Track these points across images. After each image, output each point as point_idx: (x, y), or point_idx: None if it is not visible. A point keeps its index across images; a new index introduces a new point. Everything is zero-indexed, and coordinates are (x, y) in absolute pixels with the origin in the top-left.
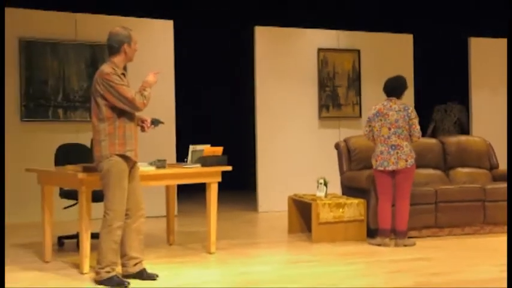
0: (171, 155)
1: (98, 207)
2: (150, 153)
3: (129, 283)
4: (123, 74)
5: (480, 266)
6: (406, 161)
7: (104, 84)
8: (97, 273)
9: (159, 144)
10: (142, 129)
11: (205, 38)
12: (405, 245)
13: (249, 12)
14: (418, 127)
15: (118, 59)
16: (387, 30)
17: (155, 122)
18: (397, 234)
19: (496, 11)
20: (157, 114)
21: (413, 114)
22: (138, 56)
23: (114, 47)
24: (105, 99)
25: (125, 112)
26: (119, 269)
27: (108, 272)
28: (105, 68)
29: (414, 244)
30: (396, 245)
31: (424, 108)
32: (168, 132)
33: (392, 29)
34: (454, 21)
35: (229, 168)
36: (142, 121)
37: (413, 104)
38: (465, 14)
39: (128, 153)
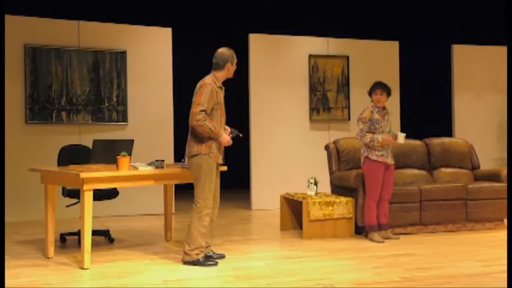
0: (169, 155)
1: (99, 206)
2: (149, 154)
3: (217, 262)
4: (221, 87)
5: (463, 262)
6: (361, 160)
7: (199, 89)
8: (187, 254)
9: (158, 145)
10: None
11: (202, 44)
12: (370, 239)
13: (243, 20)
14: (357, 129)
15: (220, 74)
16: (374, 38)
17: (233, 133)
18: None
19: (477, 20)
20: (157, 116)
21: (358, 116)
22: (139, 61)
23: (219, 64)
24: None
25: (213, 119)
26: None
27: (198, 254)
28: (207, 79)
29: (376, 241)
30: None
31: (408, 110)
32: (166, 134)
33: (379, 36)
34: (437, 29)
35: (225, 168)
36: (225, 129)
37: (398, 107)
38: (448, 22)
39: (211, 155)
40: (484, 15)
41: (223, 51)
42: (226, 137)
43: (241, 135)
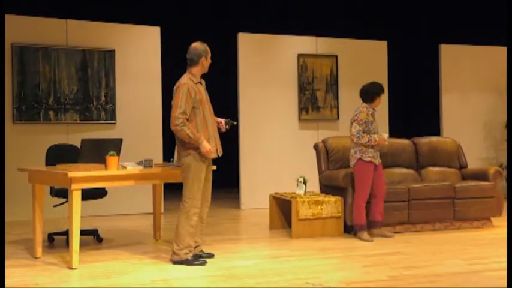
0: (157, 154)
1: (87, 205)
2: (138, 153)
3: (206, 262)
4: (200, 82)
5: (450, 260)
6: (350, 161)
7: (176, 91)
8: (176, 254)
9: (146, 145)
10: (220, 129)
11: (190, 43)
12: (359, 238)
13: (233, 20)
14: (353, 130)
15: (195, 70)
16: (363, 37)
17: (228, 123)
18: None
19: (465, 20)
20: (145, 116)
21: (352, 118)
22: (127, 60)
23: (193, 60)
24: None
25: (196, 117)
26: None
27: (187, 253)
28: (182, 78)
29: (364, 240)
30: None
31: (396, 109)
32: (154, 133)
33: (367, 36)
34: (425, 29)
35: (214, 167)
36: (218, 122)
37: (387, 107)
38: (436, 22)
39: (200, 152)
40: (473, 15)
41: (196, 46)
42: (206, 145)
43: (235, 123)
